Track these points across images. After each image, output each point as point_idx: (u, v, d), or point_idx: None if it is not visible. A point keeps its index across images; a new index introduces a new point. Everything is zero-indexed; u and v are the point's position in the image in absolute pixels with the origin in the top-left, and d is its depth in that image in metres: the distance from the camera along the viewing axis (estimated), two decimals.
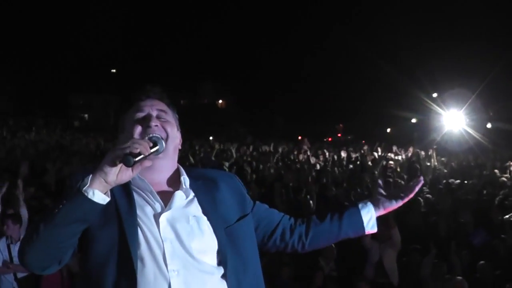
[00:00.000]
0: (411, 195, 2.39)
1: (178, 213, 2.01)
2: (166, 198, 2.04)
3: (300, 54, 44.47)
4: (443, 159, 16.10)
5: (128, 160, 1.81)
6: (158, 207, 2.02)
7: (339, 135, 40.32)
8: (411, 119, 31.83)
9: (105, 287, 1.88)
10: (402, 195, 2.40)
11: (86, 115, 53.56)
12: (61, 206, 1.81)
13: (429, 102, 18.48)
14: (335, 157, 17.05)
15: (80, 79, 42.03)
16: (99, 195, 1.82)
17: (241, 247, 2.07)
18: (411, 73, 28.77)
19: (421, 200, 9.74)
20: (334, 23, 41.12)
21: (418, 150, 17.88)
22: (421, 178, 2.44)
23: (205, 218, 2.04)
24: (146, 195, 2.04)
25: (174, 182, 2.13)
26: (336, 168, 14.13)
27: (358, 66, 37.47)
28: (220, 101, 53.77)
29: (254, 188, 9.65)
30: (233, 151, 16.37)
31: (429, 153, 15.87)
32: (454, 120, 13.41)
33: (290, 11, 46.30)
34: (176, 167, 2.19)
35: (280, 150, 18.19)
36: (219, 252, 2.01)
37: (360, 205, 2.40)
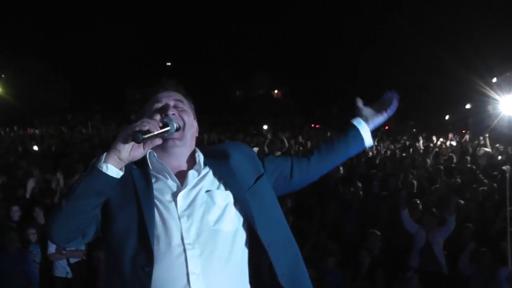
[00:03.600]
0: (394, 107, 2.59)
1: (193, 190, 2.16)
2: (183, 178, 2.18)
3: (355, 43, 43.70)
4: (497, 145, 15.59)
5: (137, 136, 1.93)
6: (174, 187, 2.16)
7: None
8: (465, 105, 30.97)
9: (125, 261, 2.03)
10: (385, 107, 2.60)
11: None
12: (79, 181, 1.98)
13: (484, 87, 17.94)
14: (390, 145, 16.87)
15: (136, 74, 42.69)
16: (112, 169, 1.98)
17: (265, 204, 2.24)
18: (467, 57, 27.93)
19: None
20: (389, 11, 40.17)
21: (478, 136, 17.37)
22: (394, 92, 2.60)
23: (217, 191, 2.19)
24: (164, 176, 2.18)
25: (191, 164, 2.26)
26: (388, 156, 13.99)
27: (414, 54, 36.59)
28: (276, 91, 53.52)
29: None
30: (285, 140, 16.41)
31: (482, 139, 15.40)
32: (509, 105, 12.94)
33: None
34: (192, 152, 2.32)
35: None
36: (238, 215, 2.16)
37: (356, 124, 2.59)
